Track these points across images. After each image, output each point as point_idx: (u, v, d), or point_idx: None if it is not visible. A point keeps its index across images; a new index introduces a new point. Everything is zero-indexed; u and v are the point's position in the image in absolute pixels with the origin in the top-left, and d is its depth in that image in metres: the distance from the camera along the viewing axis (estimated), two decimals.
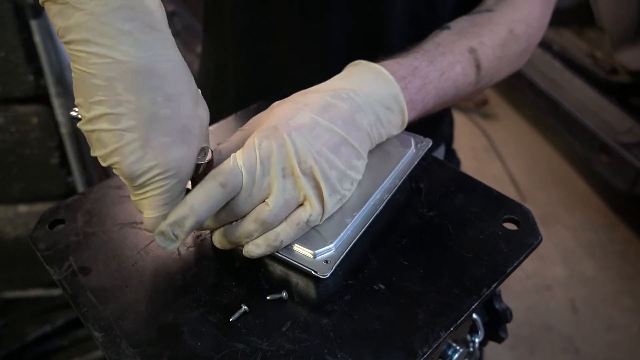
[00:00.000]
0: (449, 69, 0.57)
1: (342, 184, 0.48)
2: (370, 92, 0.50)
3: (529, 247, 0.50)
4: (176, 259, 0.49)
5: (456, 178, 0.58)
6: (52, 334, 1.44)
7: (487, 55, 0.60)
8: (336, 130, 0.47)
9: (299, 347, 0.41)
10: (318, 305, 0.45)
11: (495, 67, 0.62)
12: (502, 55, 0.62)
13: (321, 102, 0.48)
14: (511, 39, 0.62)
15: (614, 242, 1.91)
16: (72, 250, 0.50)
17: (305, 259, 0.46)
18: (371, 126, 0.50)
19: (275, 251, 0.46)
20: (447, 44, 0.59)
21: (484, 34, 0.60)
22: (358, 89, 0.50)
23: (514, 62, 0.66)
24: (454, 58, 0.58)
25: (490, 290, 0.46)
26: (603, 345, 1.60)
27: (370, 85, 0.51)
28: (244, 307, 0.44)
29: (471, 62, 0.59)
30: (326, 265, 0.45)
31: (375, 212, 0.50)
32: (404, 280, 0.46)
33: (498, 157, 2.29)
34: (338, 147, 0.47)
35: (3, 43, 1.12)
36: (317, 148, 0.45)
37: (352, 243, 0.48)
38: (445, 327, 0.42)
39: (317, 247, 0.46)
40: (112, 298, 0.45)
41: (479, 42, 0.60)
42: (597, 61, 2.11)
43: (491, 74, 0.62)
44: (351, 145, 0.48)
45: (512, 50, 0.63)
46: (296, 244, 0.46)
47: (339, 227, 0.47)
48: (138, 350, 0.41)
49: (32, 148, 1.25)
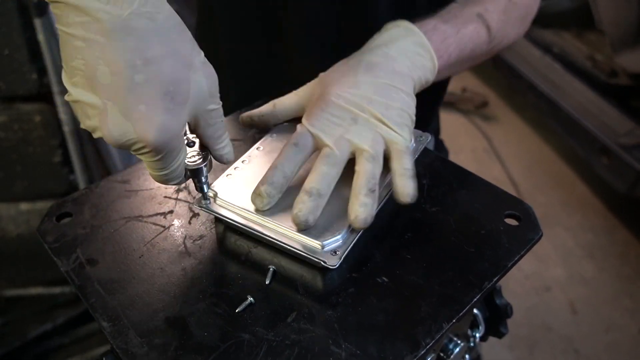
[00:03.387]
0: (464, 27, 0.64)
1: (403, 119, 0.53)
2: (401, 44, 0.57)
3: (530, 242, 0.51)
4: (182, 252, 0.50)
5: (458, 175, 0.59)
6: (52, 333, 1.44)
7: (493, 19, 0.67)
8: (380, 80, 0.54)
9: (304, 338, 0.42)
10: (323, 298, 0.45)
11: (502, 29, 0.68)
12: (505, 19, 0.69)
13: (361, 64, 0.55)
14: (510, 6, 0.69)
15: (614, 244, 1.91)
16: (80, 242, 0.51)
17: (313, 250, 0.47)
18: (410, 69, 0.56)
19: None
20: (456, 11, 0.65)
21: (486, 2, 0.67)
22: (390, 44, 0.57)
23: (517, 27, 0.73)
24: (465, 20, 0.65)
25: (492, 284, 0.46)
26: (602, 346, 1.60)
27: (400, 39, 0.58)
28: (249, 299, 0.44)
29: (481, 23, 0.66)
30: (334, 255, 0.46)
31: (381, 204, 0.51)
32: (407, 274, 0.47)
33: (498, 159, 2.30)
34: (387, 91, 0.53)
35: (7, 42, 1.13)
36: (368, 97, 0.52)
37: (359, 234, 0.48)
38: (447, 319, 0.43)
39: (324, 238, 0.47)
40: (120, 289, 0.46)
41: (484, 9, 0.66)
42: (597, 64, 2.12)
43: (500, 36, 0.68)
44: (398, 88, 0.54)
45: (513, 16, 0.71)
46: (304, 235, 0.47)
47: (345, 219, 0.48)
48: (145, 339, 0.42)
49: (35, 146, 1.25)
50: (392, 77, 0.54)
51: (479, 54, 0.68)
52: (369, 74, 0.54)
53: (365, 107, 0.52)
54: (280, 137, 0.57)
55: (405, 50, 0.57)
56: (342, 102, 0.52)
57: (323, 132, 0.51)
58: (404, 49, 0.57)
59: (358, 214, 0.46)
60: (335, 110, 0.52)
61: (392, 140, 0.52)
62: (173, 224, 0.53)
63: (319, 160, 0.50)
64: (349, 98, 0.52)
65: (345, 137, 0.51)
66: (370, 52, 0.57)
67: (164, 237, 0.51)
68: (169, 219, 0.53)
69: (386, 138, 0.52)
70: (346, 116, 0.52)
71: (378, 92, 0.53)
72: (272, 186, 0.48)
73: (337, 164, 0.50)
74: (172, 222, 0.53)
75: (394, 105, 0.53)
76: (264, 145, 0.57)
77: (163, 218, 0.53)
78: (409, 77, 0.56)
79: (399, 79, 0.55)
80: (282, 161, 0.50)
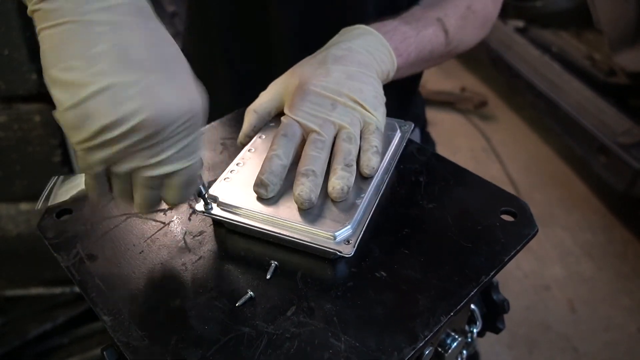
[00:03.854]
0: (423, 29, 0.68)
1: (378, 100, 0.57)
2: (361, 41, 0.61)
3: (526, 237, 0.51)
4: (182, 248, 0.50)
5: (455, 172, 0.59)
6: (52, 332, 1.44)
7: (452, 24, 0.71)
8: (349, 68, 0.57)
9: (303, 331, 0.42)
10: (322, 291, 0.46)
11: (459, 34, 0.73)
12: (463, 25, 0.73)
13: (328, 56, 0.59)
14: (469, 13, 0.74)
15: (612, 243, 1.92)
16: (80, 238, 0.51)
17: (327, 241, 0.47)
18: (373, 62, 0.60)
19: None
20: (417, 14, 0.70)
21: (447, 7, 0.72)
22: (353, 40, 0.61)
23: (475, 32, 0.77)
24: (425, 22, 0.69)
25: (489, 278, 0.47)
26: (601, 344, 1.60)
27: (361, 37, 0.62)
28: (249, 293, 0.45)
29: (440, 27, 0.70)
30: (348, 245, 0.47)
31: (380, 192, 0.53)
32: (405, 268, 0.48)
33: (497, 158, 2.30)
34: (359, 77, 0.57)
35: (7, 41, 1.13)
36: (342, 83, 0.56)
37: (367, 222, 0.50)
38: (445, 312, 0.43)
39: (335, 229, 0.47)
40: (120, 284, 0.46)
41: (444, 14, 0.71)
42: (596, 63, 2.13)
43: (457, 40, 0.73)
44: (367, 74, 0.58)
45: (471, 23, 0.75)
46: (315, 228, 0.48)
47: (351, 209, 0.49)
48: (146, 333, 0.42)
49: (35, 146, 1.25)
50: (359, 66, 0.58)
51: (437, 55, 0.72)
52: (338, 64, 0.58)
53: (342, 92, 0.56)
54: (269, 137, 0.58)
55: (367, 45, 0.61)
56: (320, 89, 0.56)
57: (308, 120, 0.55)
58: (365, 45, 0.61)
59: (335, 185, 0.50)
60: (314, 98, 0.55)
61: (367, 121, 0.56)
62: (173, 220, 0.53)
63: (308, 146, 0.53)
64: (326, 85, 0.56)
65: (329, 119, 0.55)
66: (334, 47, 0.60)
67: (164, 233, 0.52)
68: (169, 215, 0.54)
69: (362, 119, 0.56)
70: (326, 102, 0.55)
71: (350, 78, 0.57)
72: (273, 174, 0.50)
73: (325, 147, 0.53)
74: (171, 218, 0.53)
75: (367, 88, 0.57)
76: (255, 146, 0.58)
77: (163, 214, 0.54)
78: (372, 67, 0.60)
79: (365, 68, 0.59)
80: (275, 151, 0.52)
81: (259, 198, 0.51)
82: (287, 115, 0.56)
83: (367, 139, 0.55)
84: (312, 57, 0.61)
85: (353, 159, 0.52)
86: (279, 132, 0.54)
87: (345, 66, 0.58)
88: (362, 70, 0.58)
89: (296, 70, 0.59)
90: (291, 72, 0.60)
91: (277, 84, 0.61)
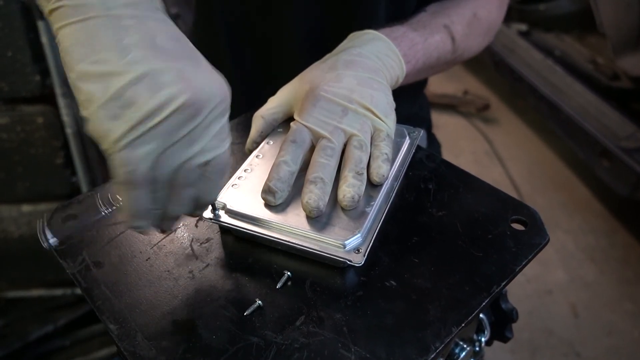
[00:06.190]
0: (430, 36, 0.68)
1: (389, 107, 0.57)
2: (371, 47, 0.61)
3: (537, 246, 0.51)
4: (189, 255, 0.50)
5: (464, 179, 0.59)
6: (53, 334, 1.43)
7: (458, 31, 0.71)
8: (360, 74, 0.57)
9: (312, 341, 0.42)
10: (331, 301, 0.45)
11: (465, 41, 0.73)
12: (469, 32, 0.73)
13: (338, 61, 0.58)
14: (475, 20, 0.74)
15: (615, 247, 1.91)
16: (86, 244, 0.51)
17: (336, 250, 0.47)
18: (382, 68, 0.60)
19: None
20: (425, 21, 0.70)
21: (453, 14, 0.72)
22: (362, 45, 0.61)
23: (479, 39, 0.78)
24: (432, 30, 0.69)
25: (500, 288, 0.46)
26: (604, 349, 1.60)
27: (370, 43, 0.61)
28: (258, 302, 0.44)
29: (447, 34, 0.70)
30: (358, 254, 0.46)
31: (390, 200, 0.52)
32: (415, 277, 0.47)
33: (499, 161, 2.30)
34: (369, 83, 0.57)
35: (10, 43, 1.13)
36: (353, 89, 0.55)
37: (377, 230, 0.49)
38: (456, 323, 0.43)
39: (345, 238, 0.47)
40: (127, 292, 0.46)
41: (450, 21, 0.71)
42: (599, 67, 2.12)
43: (463, 47, 0.73)
44: (377, 80, 0.58)
45: (477, 30, 0.75)
46: (324, 237, 0.47)
47: (361, 217, 0.49)
48: (153, 342, 0.42)
49: (37, 148, 1.25)
50: (369, 72, 0.58)
51: (444, 62, 0.72)
52: (349, 69, 0.57)
53: (352, 98, 0.55)
54: (277, 143, 0.58)
55: (376, 51, 0.61)
56: (331, 95, 0.55)
57: (318, 126, 0.54)
58: (375, 50, 0.61)
59: (346, 193, 0.49)
60: (325, 103, 0.55)
61: (378, 127, 0.56)
62: (179, 227, 0.53)
63: (317, 152, 0.52)
64: (336, 91, 0.55)
65: (340, 127, 0.54)
66: (344, 52, 0.60)
67: (171, 240, 0.51)
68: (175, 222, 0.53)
69: (373, 126, 0.56)
70: (337, 109, 0.55)
71: (361, 84, 0.56)
72: (280, 181, 0.50)
73: (335, 154, 0.53)
74: (178, 225, 0.53)
75: (378, 95, 0.57)
76: (263, 152, 0.57)
77: None
78: (382, 73, 0.60)
79: (375, 74, 0.59)
80: (284, 157, 0.51)
81: (267, 205, 0.50)
82: (297, 121, 0.55)
83: (377, 146, 0.54)
84: (322, 62, 0.61)
85: (364, 167, 0.52)
86: (287, 138, 0.54)
87: (355, 72, 0.57)
88: (372, 76, 0.58)
89: (306, 76, 0.59)
90: (300, 78, 0.60)
91: (285, 90, 0.60)
